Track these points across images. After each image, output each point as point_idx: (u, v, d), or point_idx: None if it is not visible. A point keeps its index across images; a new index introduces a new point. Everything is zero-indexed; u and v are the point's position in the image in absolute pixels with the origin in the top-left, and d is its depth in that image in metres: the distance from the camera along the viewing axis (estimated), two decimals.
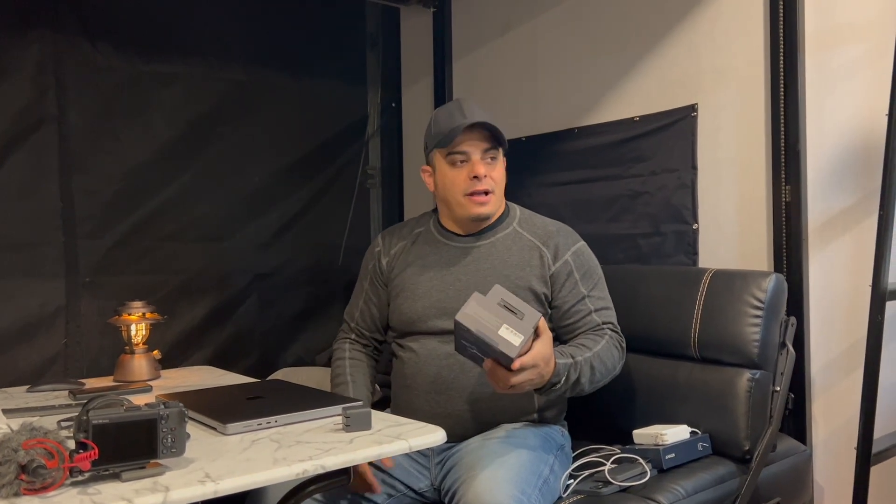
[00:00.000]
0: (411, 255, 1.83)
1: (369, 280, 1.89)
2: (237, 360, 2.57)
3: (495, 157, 1.73)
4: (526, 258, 1.74)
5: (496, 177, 1.73)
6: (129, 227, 2.37)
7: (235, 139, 2.60)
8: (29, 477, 0.98)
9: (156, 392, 1.76)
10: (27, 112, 2.19)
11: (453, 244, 1.79)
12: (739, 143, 2.03)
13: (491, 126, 1.69)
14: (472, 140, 1.70)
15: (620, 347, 1.74)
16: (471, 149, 1.70)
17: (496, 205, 1.76)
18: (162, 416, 1.08)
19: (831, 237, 1.89)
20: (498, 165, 1.74)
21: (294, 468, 1.13)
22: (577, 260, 1.76)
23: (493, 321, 1.38)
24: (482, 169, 1.69)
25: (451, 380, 1.70)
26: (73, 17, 2.26)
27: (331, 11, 2.86)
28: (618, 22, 2.29)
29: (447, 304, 1.72)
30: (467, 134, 1.69)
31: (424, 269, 1.79)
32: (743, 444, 1.72)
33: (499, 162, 1.75)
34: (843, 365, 1.89)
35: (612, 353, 1.70)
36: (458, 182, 1.72)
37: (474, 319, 1.37)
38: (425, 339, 1.74)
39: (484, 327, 1.37)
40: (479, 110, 1.72)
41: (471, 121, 1.68)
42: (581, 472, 1.66)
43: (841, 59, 1.87)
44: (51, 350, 2.22)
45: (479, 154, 1.71)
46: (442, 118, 1.74)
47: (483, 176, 1.69)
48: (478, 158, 1.70)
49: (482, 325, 1.37)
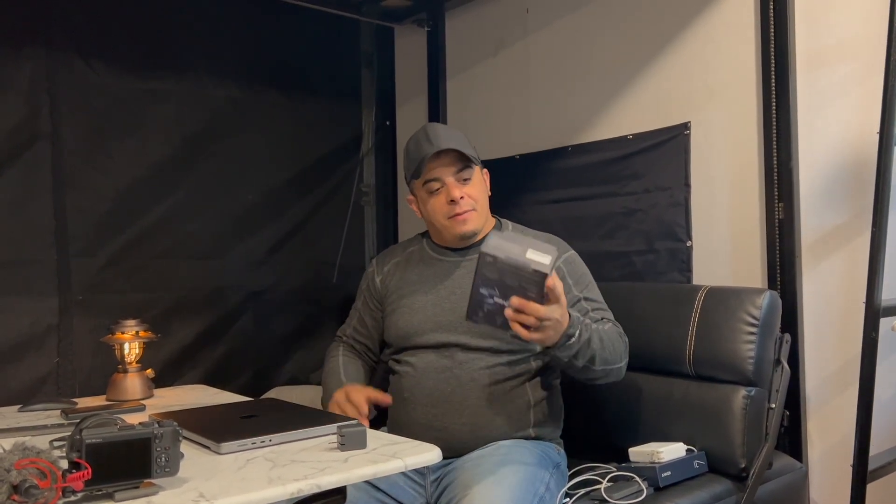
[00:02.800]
0: (405, 271, 1.85)
1: (363, 300, 1.92)
2: (231, 378, 2.55)
3: (468, 177, 1.75)
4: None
5: (474, 193, 1.75)
6: (122, 244, 2.36)
7: (229, 157, 2.60)
8: (21, 497, 0.96)
9: (149, 411, 1.75)
10: (21, 129, 2.19)
11: (446, 259, 1.81)
12: (732, 161, 2.04)
13: (455, 149, 1.71)
14: (442, 165, 1.73)
15: (623, 340, 1.72)
16: (442, 174, 1.73)
17: (480, 219, 1.77)
18: (156, 435, 1.07)
19: (825, 254, 1.90)
20: (474, 182, 1.76)
21: (289, 487, 1.12)
22: (568, 266, 1.77)
23: (518, 247, 1.37)
24: (457, 192, 1.72)
25: (448, 393, 1.70)
26: (67, 34, 2.27)
27: (326, 30, 2.87)
28: (611, 41, 2.31)
29: (442, 317, 1.73)
30: (436, 160, 1.73)
31: (419, 285, 1.80)
32: (739, 461, 1.72)
33: (474, 178, 1.76)
34: (838, 382, 1.89)
35: (616, 338, 1.68)
36: (438, 208, 1.76)
37: (498, 247, 1.36)
38: (423, 353, 1.74)
39: (510, 252, 1.36)
40: (446, 134, 1.75)
41: (436, 148, 1.71)
42: (577, 490, 1.65)
43: (832, 78, 1.89)
44: (43, 369, 2.20)
45: (451, 177, 1.73)
46: (412, 148, 1.78)
47: (459, 198, 1.72)
48: (452, 182, 1.73)
49: (508, 250, 1.36)
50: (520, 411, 1.71)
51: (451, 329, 1.72)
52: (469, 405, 1.68)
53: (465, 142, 1.76)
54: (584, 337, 1.54)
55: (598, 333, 1.60)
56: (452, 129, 1.80)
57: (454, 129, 1.81)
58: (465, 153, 1.72)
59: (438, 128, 1.78)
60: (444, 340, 1.72)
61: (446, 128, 1.80)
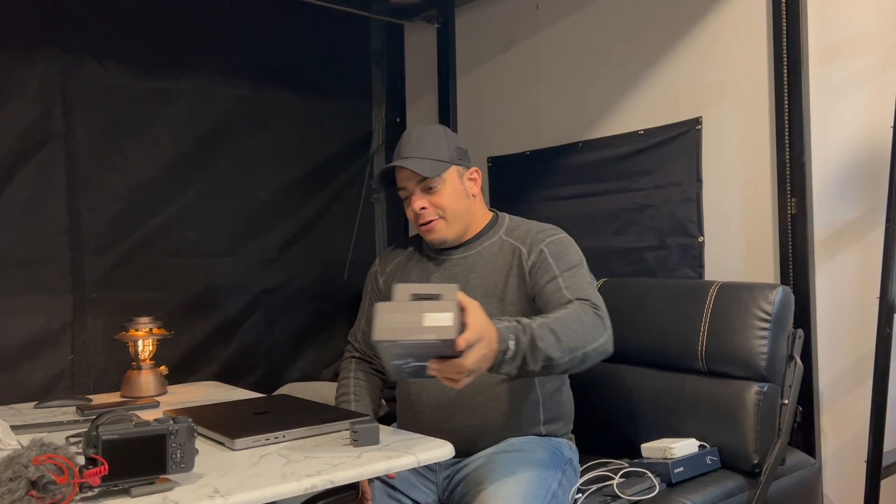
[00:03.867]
0: (406, 272, 1.84)
1: (368, 301, 1.91)
2: (243, 375, 2.57)
3: (434, 185, 1.71)
4: (509, 262, 1.73)
5: (440, 202, 1.72)
6: (135, 243, 2.38)
7: (240, 155, 2.61)
8: (39, 493, 0.98)
9: (163, 408, 1.76)
10: (34, 129, 2.21)
11: (441, 258, 1.80)
12: (744, 156, 2.03)
13: (410, 163, 1.69)
14: (405, 177, 1.73)
15: (597, 315, 1.55)
16: (408, 185, 1.73)
17: (448, 228, 1.74)
18: (171, 431, 1.08)
19: (838, 249, 1.89)
20: (441, 189, 1.72)
21: (303, 483, 1.12)
22: (551, 247, 1.70)
23: (411, 318, 1.21)
24: (418, 204, 1.71)
25: (455, 395, 1.69)
26: (80, 35, 2.28)
27: (335, 28, 2.88)
28: (621, 36, 2.31)
29: None
30: (399, 173, 1.73)
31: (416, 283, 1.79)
32: (752, 457, 1.72)
33: (443, 186, 1.72)
34: (852, 377, 1.88)
35: (581, 319, 1.51)
36: (410, 217, 1.77)
37: (391, 329, 1.21)
38: None
39: (405, 330, 1.20)
40: (417, 141, 1.73)
41: (394, 162, 1.72)
42: (589, 486, 1.65)
43: (844, 72, 1.87)
44: (57, 366, 2.22)
45: (416, 188, 1.72)
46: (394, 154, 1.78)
47: (420, 209, 1.71)
48: (417, 194, 1.72)
49: (402, 329, 1.20)
50: (529, 409, 1.70)
51: None
52: (477, 405, 1.68)
53: (437, 146, 1.73)
54: (523, 343, 1.38)
55: (547, 326, 1.43)
56: (429, 132, 1.76)
57: (431, 131, 1.77)
58: (422, 168, 1.68)
59: (412, 134, 1.75)
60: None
61: (420, 134, 1.75)
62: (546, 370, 1.43)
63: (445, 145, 1.75)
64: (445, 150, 1.74)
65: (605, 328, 1.55)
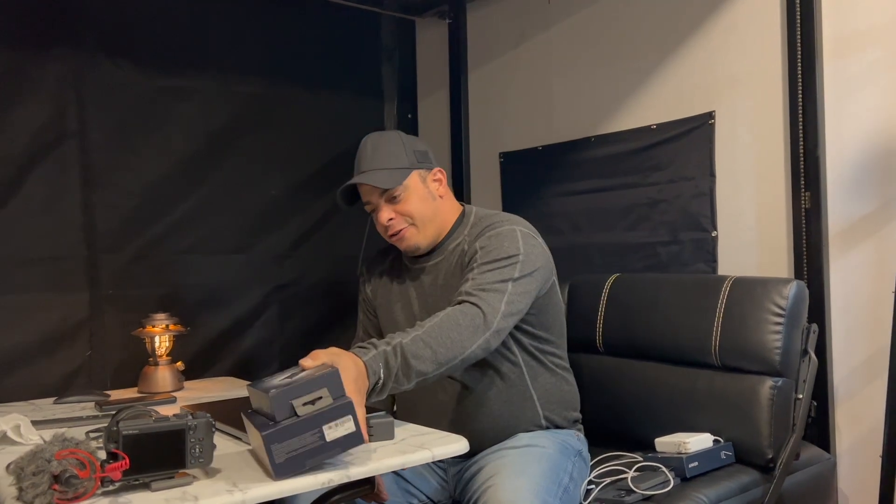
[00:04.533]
0: (386, 280, 1.84)
1: (362, 309, 1.92)
2: (257, 370, 2.58)
3: (397, 195, 1.68)
4: (461, 260, 1.69)
5: (407, 209, 1.69)
6: (149, 240, 2.40)
7: (253, 152, 2.62)
8: (62, 487, 0.99)
9: (180, 403, 1.78)
10: (49, 128, 2.22)
11: (413, 266, 1.79)
12: (758, 150, 2.02)
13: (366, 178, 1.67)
14: (368, 191, 1.70)
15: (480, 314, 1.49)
16: (371, 198, 1.71)
17: (419, 235, 1.71)
18: (190, 426, 1.09)
19: (852, 243, 1.89)
20: (406, 197, 1.68)
21: (320, 477, 1.13)
22: (484, 241, 1.63)
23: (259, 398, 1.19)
24: (384, 216, 1.68)
25: (445, 402, 1.69)
26: (93, 34, 2.30)
27: (346, 25, 2.88)
28: (633, 30, 2.30)
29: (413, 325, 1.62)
30: (363, 186, 1.70)
31: (398, 295, 1.80)
32: (766, 452, 1.71)
33: (407, 193, 1.68)
34: (867, 372, 1.88)
35: (459, 323, 1.46)
36: (379, 228, 1.74)
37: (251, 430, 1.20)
38: None
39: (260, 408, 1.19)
40: (372, 153, 1.69)
41: (351, 181, 1.69)
42: (603, 479, 1.65)
43: (859, 64, 1.86)
44: (75, 362, 2.24)
45: (380, 200, 1.69)
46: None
47: (387, 221, 1.68)
48: (381, 205, 1.69)
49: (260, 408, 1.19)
50: (526, 407, 1.69)
51: None
52: (468, 411, 1.67)
53: (393, 154, 1.69)
54: (394, 366, 1.37)
55: (420, 339, 1.41)
56: (383, 142, 1.72)
57: (386, 140, 1.72)
58: (379, 180, 1.66)
59: (367, 147, 1.71)
60: None
61: (375, 145, 1.71)
62: (420, 384, 1.41)
63: (402, 151, 1.71)
64: (403, 155, 1.70)
65: (487, 327, 1.49)
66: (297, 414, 1.12)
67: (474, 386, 1.67)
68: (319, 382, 1.16)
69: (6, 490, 1.06)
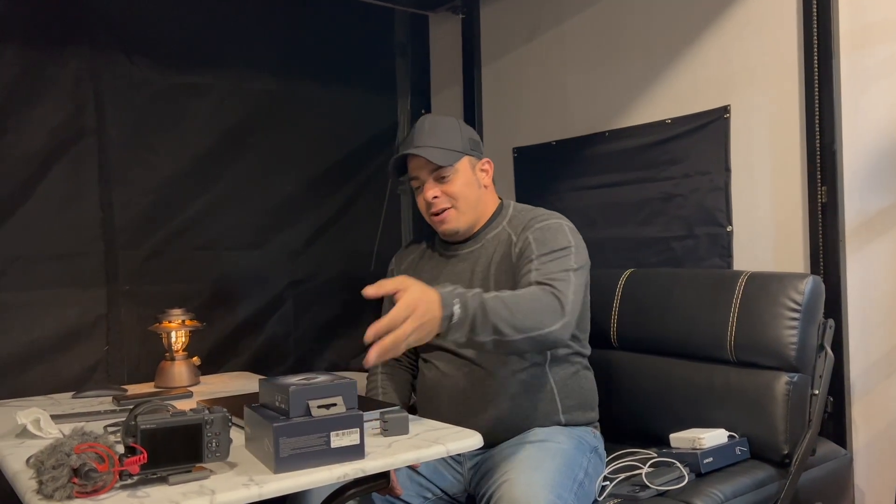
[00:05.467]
0: (418, 270, 1.85)
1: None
2: (273, 365, 2.60)
3: (447, 175, 1.72)
4: (504, 251, 1.73)
5: (452, 191, 1.73)
6: (165, 236, 2.42)
7: (268, 148, 2.63)
8: (81, 480, 1.01)
9: (196, 398, 1.80)
10: (67, 126, 2.25)
11: (449, 254, 1.81)
12: (774, 144, 2.01)
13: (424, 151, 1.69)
14: (418, 166, 1.74)
15: (556, 299, 1.50)
16: (420, 173, 1.74)
17: (460, 218, 1.75)
18: (207, 421, 1.10)
19: (869, 238, 1.87)
20: (454, 179, 1.73)
21: (335, 471, 1.14)
22: (537, 233, 1.68)
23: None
24: (430, 193, 1.73)
25: (469, 389, 1.70)
26: (110, 32, 2.32)
27: (360, 20, 2.88)
28: (648, 24, 2.29)
29: None
30: (414, 160, 1.73)
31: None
32: (782, 447, 1.71)
33: (456, 175, 1.73)
34: (884, 367, 1.86)
35: (540, 299, 1.49)
36: (421, 206, 1.78)
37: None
38: (440, 353, 1.75)
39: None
40: (430, 130, 1.73)
41: (407, 150, 1.71)
42: (617, 475, 1.65)
43: (877, 57, 1.84)
44: (93, 357, 2.27)
45: (429, 177, 1.73)
46: (402, 145, 1.78)
47: (433, 198, 1.72)
48: (429, 183, 1.73)
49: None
50: (545, 399, 1.70)
51: None
52: (491, 399, 1.68)
53: (450, 136, 1.74)
54: (471, 308, 1.36)
55: (500, 299, 1.41)
56: (442, 122, 1.77)
57: (445, 122, 1.77)
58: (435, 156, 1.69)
59: (425, 123, 1.76)
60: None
61: (433, 124, 1.76)
62: (498, 346, 1.41)
63: (458, 135, 1.76)
64: (458, 140, 1.75)
65: (563, 314, 1.49)
66: (310, 414, 1.15)
67: (497, 373, 1.68)
68: (336, 389, 1.19)
69: (26, 483, 1.08)
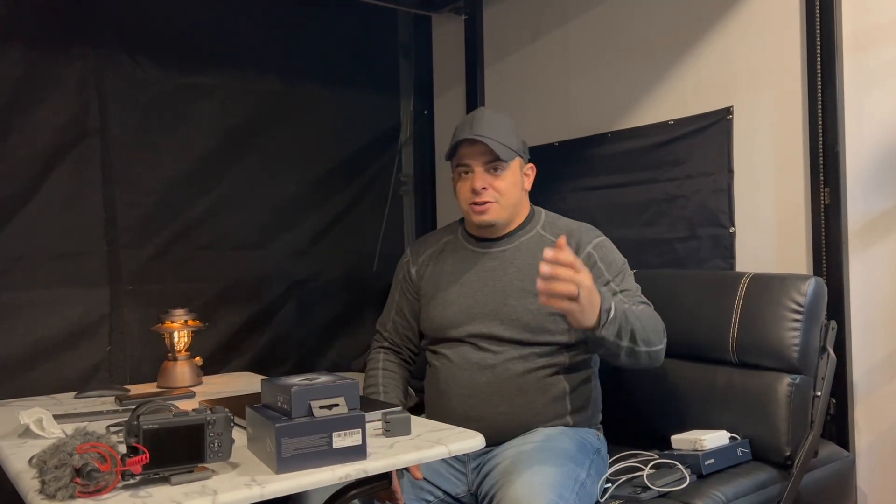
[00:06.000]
0: (439, 262, 1.85)
1: (399, 290, 1.92)
2: (275, 365, 2.60)
3: (500, 168, 1.74)
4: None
5: (500, 186, 1.74)
6: (169, 236, 2.42)
7: (271, 149, 2.64)
8: (83, 480, 1.01)
9: (199, 398, 1.80)
10: (71, 126, 2.26)
11: (479, 250, 1.81)
12: (776, 146, 2.01)
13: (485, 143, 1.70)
14: (475, 153, 1.73)
15: (660, 320, 1.66)
16: (473, 161, 1.74)
17: (501, 213, 1.76)
18: (209, 421, 1.10)
19: (872, 240, 1.87)
20: (505, 175, 1.74)
21: (337, 472, 1.14)
22: (599, 251, 1.74)
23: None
24: (479, 182, 1.72)
25: (483, 384, 1.70)
26: (114, 33, 2.33)
27: (363, 21, 2.89)
28: (651, 25, 2.29)
29: (476, 309, 1.74)
30: (470, 147, 1.73)
31: (453, 276, 1.81)
32: (784, 449, 1.70)
33: (507, 172, 1.74)
34: (887, 369, 1.86)
35: (652, 317, 1.64)
36: (463, 193, 1.77)
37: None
38: (457, 345, 1.76)
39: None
40: (489, 122, 1.74)
41: (470, 135, 1.71)
42: (619, 476, 1.65)
43: (880, 59, 1.84)
44: (95, 357, 2.28)
45: (481, 166, 1.73)
46: (457, 130, 1.78)
47: (481, 188, 1.72)
48: (480, 171, 1.73)
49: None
50: (556, 399, 1.71)
51: (485, 321, 1.72)
52: (504, 395, 1.69)
53: (508, 133, 1.74)
54: (619, 312, 1.49)
55: (632, 311, 1.56)
56: (501, 118, 1.77)
57: (503, 118, 1.78)
58: (498, 149, 1.70)
59: (485, 114, 1.77)
60: (478, 332, 1.72)
61: (494, 116, 1.77)
62: (629, 354, 1.55)
63: (514, 134, 1.77)
64: (514, 139, 1.76)
65: (664, 336, 1.65)
66: (312, 414, 1.15)
67: (514, 370, 1.69)
68: (339, 390, 1.19)
69: (29, 483, 1.08)
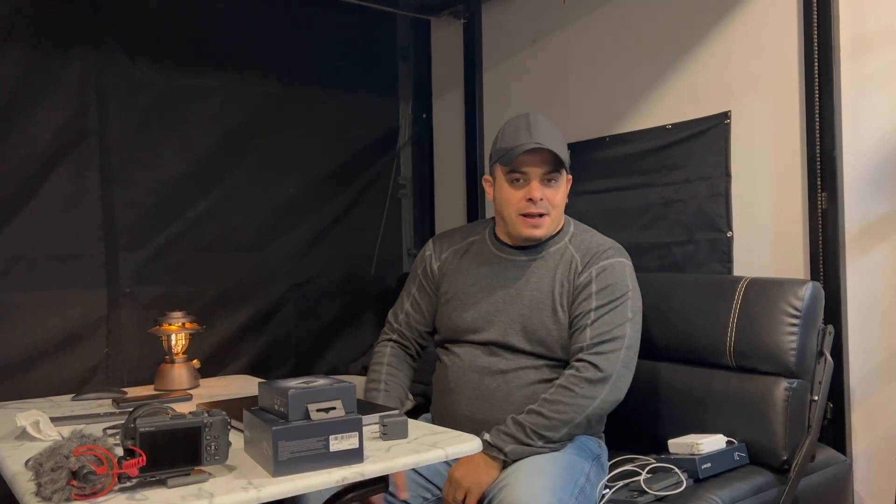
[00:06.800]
0: (463, 262, 1.83)
1: (418, 283, 1.89)
2: (273, 368, 2.60)
3: (555, 179, 1.70)
4: (567, 273, 1.72)
5: (554, 199, 1.71)
6: (167, 238, 2.42)
7: (270, 151, 2.64)
8: (79, 483, 1.01)
9: (196, 401, 1.80)
10: (70, 127, 2.26)
11: (506, 257, 1.79)
12: (774, 150, 2.01)
13: (554, 151, 1.66)
14: (533, 162, 1.67)
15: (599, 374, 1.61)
16: (531, 170, 1.68)
17: (550, 227, 1.73)
18: (206, 424, 1.10)
19: (869, 244, 1.87)
20: (559, 186, 1.72)
21: (334, 475, 1.15)
22: (600, 274, 1.69)
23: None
24: (538, 193, 1.68)
25: (493, 388, 1.70)
26: (114, 34, 2.33)
27: (363, 24, 2.90)
28: (649, 30, 2.29)
29: (495, 316, 1.73)
30: (529, 155, 1.67)
31: (476, 280, 1.79)
32: (780, 453, 1.71)
33: (560, 183, 1.72)
34: (884, 374, 1.86)
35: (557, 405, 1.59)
36: (513, 201, 1.71)
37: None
38: (471, 348, 1.75)
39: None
40: (547, 129, 1.69)
41: (534, 144, 1.65)
42: (616, 481, 1.65)
43: (877, 64, 1.84)
44: (93, 359, 2.27)
45: (538, 177, 1.69)
46: (508, 133, 1.72)
47: (539, 199, 1.68)
48: (537, 181, 1.68)
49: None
50: None
51: (503, 330, 1.72)
52: (512, 401, 1.68)
53: (562, 142, 1.71)
54: (522, 439, 1.58)
55: (529, 422, 1.58)
56: (554, 125, 1.73)
57: (555, 125, 1.74)
58: (560, 158, 1.67)
59: (542, 121, 1.71)
60: (494, 339, 1.72)
61: (549, 122, 1.72)
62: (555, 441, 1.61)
63: (565, 146, 1.73)
64: (566, 149, 1.72)
65: (606, 384, 1.62)
66: (309, 417, 1.15)
67: (525, 377, 1.69)
68: (336, 393, 1.19)
69: (25, 485, 1.08)
